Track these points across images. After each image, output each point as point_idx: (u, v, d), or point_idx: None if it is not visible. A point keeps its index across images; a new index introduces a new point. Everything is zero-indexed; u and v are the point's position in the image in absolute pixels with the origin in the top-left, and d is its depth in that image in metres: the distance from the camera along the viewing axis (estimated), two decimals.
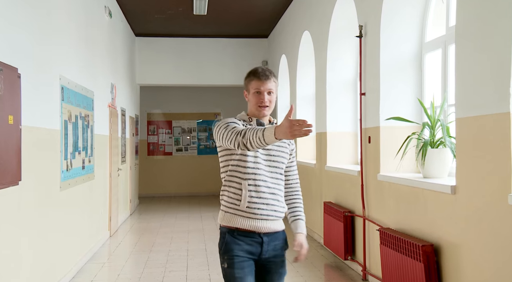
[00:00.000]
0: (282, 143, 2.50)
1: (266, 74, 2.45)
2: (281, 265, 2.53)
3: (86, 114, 5.85)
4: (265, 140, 2.08)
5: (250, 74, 2.50)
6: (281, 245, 2.52)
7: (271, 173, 2.46)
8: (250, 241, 2.43)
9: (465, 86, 3.23)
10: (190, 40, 10.97)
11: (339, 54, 6.23)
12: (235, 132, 2.24)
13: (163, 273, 5.25)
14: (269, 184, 2.43)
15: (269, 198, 2.43)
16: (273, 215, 2.44)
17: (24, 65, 3.80)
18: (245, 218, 2.42)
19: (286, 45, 9.06)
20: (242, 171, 2.42)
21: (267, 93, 2.45)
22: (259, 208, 2.41)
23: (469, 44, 3.17)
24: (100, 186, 6.67)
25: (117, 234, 7.59)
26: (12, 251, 3.57)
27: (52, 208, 4.49)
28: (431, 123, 3.94)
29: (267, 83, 2.44)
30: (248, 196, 2.40)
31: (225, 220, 2.47)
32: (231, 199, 2.45)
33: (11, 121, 3.49)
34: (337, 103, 6.26)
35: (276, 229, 2.48)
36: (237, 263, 2.40)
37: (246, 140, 2.16)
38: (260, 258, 2.46)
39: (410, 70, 4.61)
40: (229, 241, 2.43)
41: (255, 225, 2.41)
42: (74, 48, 5.48)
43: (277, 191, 2.47)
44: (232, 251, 2.41)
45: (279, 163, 2.48)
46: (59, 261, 4.72)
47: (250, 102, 2.51)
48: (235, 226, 2.43)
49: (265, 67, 2.51)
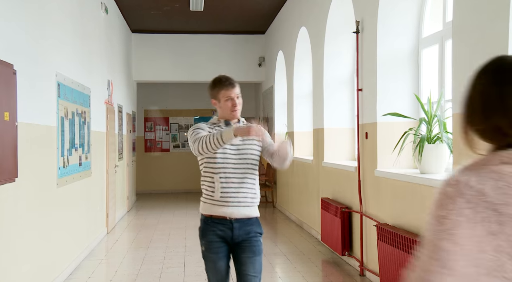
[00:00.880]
0: (251, 141, 2.80)
1: (231, 83, 2.82)
2: (255, 244, 2.78)
3: (82, 111, 5.83)
4: (223, 140, 2.53)
5: (216, 85, 2.83)
6: (254, 229, 2.79)
7: (241, 164, 2.75)
8: (222, 227, 2.75)
9: (462, 82, 3.23)
10: (187, 36, 10.94)
11: (336, 50, 6.22)
12: (194, 140, 2.66)
13: (161, 270, 5.25)
14: (238, 175, 2.74)
15: (239, 187, 2.74)
16: (244, 201, 2.75)
17: (20, 62, 3.79)
18: (219, 206, 2.74)
19: (283, 41, 9.04)
20: (213, 166, 2.75)
21: (236, 98, 2.82)
22: (231, 197, 2.73)
23: (466, 40, 3.17)
24: (97, 183, 6.66)
25: (115, 231, 7.59)
26: (8, 248, 3.56)
27: (49, 205, 4.48)
28: (428, 119, 3.95)
29: (234, 90, 2.81)
30: (220, 187, 2.73)
31: (203, 209, 2.82)
32: (207, 191, 2.80)
33: (7, 118, 3.47)
34: (334, 99, 6.26)
35: (248, 215, 2.77)
36: (213, 248, 2.77)
37: (200, 147, 2.60)
38: (233, 242, 2.77)
39: (407, 65, 4.61)
40: (205, 228, 2.79)
41: (228, 211, 2.73)
42: (70, 45, 5.46)
43: (248, 180, 2.77)
44: (208, 236, 2.77)
45: (248, 155, 2.78)
46: (57, 257, 4.71)
47: (222, 108, 2.84)
48: (210, 213, 2.77)
49: (226, 76, 2.87)
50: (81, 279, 4.96)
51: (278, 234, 7.33)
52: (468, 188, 1.08)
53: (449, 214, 1.06)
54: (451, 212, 1.06)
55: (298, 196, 7.83)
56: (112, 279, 4.97)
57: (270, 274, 5.13)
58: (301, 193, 7.66)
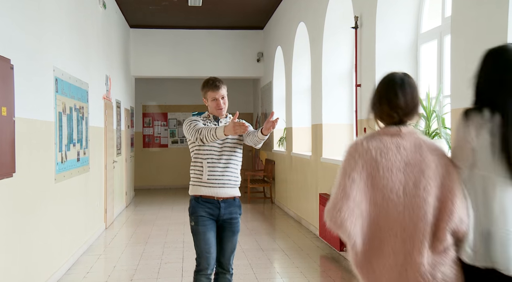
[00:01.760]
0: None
1: (217, 85, 3.26)
2: (235, 225, 3.28)
3: (80, 106, 5.82)
4: (217, 136, 3.01)
5: (204, 86, 3.28)
6: (235, 210, 3.27)
7: (225, 152, 3.22)
8: (210, 205, 3.20)
9: (460, 77, 3.22)
10: (185, 31, 10.91)
11: (334, 46, 6.21)
12: (195, 129, 3.12)
13: (159, 265, 5.26)
14: (223, 161, 3.20)
15: (223, 171, 3.20)
16: (227, 183, 3.21)
17: (17, 57, 3.77)
18: (206, 187, 3.19)
19: (281, 36, 9.02)
20: (202, 153, 3.21)
21: (221, 98, 3.28)
22: (216, 179, 3.18)
23: (465, 35, 3.17)
24: (95, 178, 6.66)
25: (113, 226, 7.59)
26: (7, 243, 3.56)
27: (47, 200, 4.48)
28: (427, 114, 3.94)
29: (220, 91, 3.27)
30: (208, 171, 3.18)
31: (193, 191, 3.24)
32: (196, 174, 3.23)
33: (4, 113, 3.46)
34: (332, 94, 6.25)
35: (231, 194, 3.24)
36: (201, 221, 3.19)
37: (202, 137, 3.07)
38: (219, 219, 3.23)
39: (405, 61, 4.60)
40: (195, 205, 3.21)
41: (214, 191, 3.19)
42: (68, 40, 5.44)
43: (231, 165, 3.23)
44: (197, 212, 3.20)
45: (231, 144, 3.25)
46: (55, 252, 4.71)
47: (210, 107, 3.30)
48: (200, 194, 3.21)
49: (214, 78, 3.28)
50: (80, 274, 4.96)
51: (277, 229, 7.35)
52: (361, 146, 1.88)
53: (349, 162, 1.87)
54: (350, 161, 1.87)
55: (297, 191, 7.84)
56: (110, 275, 4.97)
57: (269, 269, 5.14)
58: (299, 189, 7.66)
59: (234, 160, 3.26)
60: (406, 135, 1.88)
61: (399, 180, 1.82)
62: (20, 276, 3.80)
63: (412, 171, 1.83)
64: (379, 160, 1.84)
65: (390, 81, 1.93)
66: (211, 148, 3.19)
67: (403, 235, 1.80)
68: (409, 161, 1.84)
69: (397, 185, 1.82)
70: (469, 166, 1.87)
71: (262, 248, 6.00)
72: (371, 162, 1.84)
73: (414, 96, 1.92)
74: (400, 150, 1.85)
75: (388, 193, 1.82)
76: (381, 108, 1.93)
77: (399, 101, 1.89)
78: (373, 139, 1.88)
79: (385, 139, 1.87)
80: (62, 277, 4.83)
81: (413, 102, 1.92)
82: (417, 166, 1.83)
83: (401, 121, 1.91)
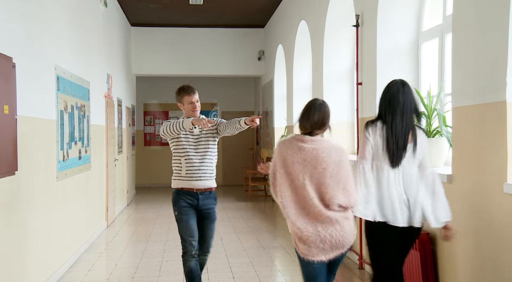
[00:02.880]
0: (206, 132, 3.73)
1: (192, 90, 3.74)
2: (213, 214, 3.79)
3: (82, 105, 5.83)
4: (183, 126, 3.52)
5: (181, 92, 3.75)
6: (212, 201, 3.77)
7: (200, 149, 3.70)
8: (190, 197, 3.70)
9: (461, 76, 3.23)
10: (186, 30, 10.91)
11: (336, 44, 6.21)
12: (168, 124, 3.63)
13: (160, 263, 5.27)
14: (198, 157, 3.68)
15: (199, 165, 3.68)
16: (203, 176, 3.69)
17: (19, 55, 3.78)
18: (186, 181, 3.68)
19: (282, 35, 9.02)
20: (180, 151, 3.70)
21: (196, 101, 3.74)
22: (194, 173, 3.67)
23: (466, 33, 3.17)
24: (96, 176, 6.67)
25: (114, 224, 7.61)
26: (8, 241, 3.57)
27: (49, 198, 4.49)
28: (428, 112, 3.95)
29: (194, 96, 3.74)
30: (186, 167, 3.66)
31: (175, 184, 3.74)
32: (176, 170, 3.73)
33: (6, 111, 3.47)
34: (334, 93, 6.25)
35: (208, 186, 3.72)
36: (184, 211, 3.69)
37: (165, 128, 3.62)
38: (197, 209, 3.72)
39: (406, 59, 4.60)
40: (177, 197, 3.71)
41: (193, 184, 3.68)
42: (69, 38, 5.45)
43: (206, 160, 3.71)
44: (180, 203, 3.70)
45: (205, 142, 3.72)
46: (57, 250, 4.73)
47: (186, 110, 3.74)
48: (181, 186, 3.71)
49: (188, 85, 3.78)
50: (82, 271, 4.98)
51: (278, 227, 7.35)
52: (281, 145, 2.83)
53: (274, 158, 2.82)
54: (276, 157, 2.81)
55: None
56: (112, 272, 4.99)
57: (270, 267, 5.15)
58: None
59: (209, 154, 3.72)
60: (307, 141, 2.80)
61: (299, 170, 2.76)
62: (22, 273, 3.82)
63: (308, 164, 2.76)
64: (287, 157, 2.80)
65: (311, 105, 2.88)
66: (188, 145, 3.66)
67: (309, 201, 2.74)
68: (306, 158, 2.76)
69: (297, 172, 2.76)
70: (369, 158, 2.90)
71: (263, 246, 6.01)
72: (284, 158, 2.81)
73: (325, 117, 2.85)
74: (300, 150, 2.78)
75: (294, 177, 2.77)
76: (301, 122, 2.88)
77: (314, 118, 2.83)
78: (287, 142, 2.85)
79: (294, 143, 2.82)
80: (64, 275, 4.85)
81: (322, 121, 2.84)
82: (312, 161, 2.75)
83: (311, 132, 2.85)
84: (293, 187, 2.76)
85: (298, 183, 2.75)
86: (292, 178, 2.76)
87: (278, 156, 2.84)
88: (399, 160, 2.82)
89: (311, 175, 2.74)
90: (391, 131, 2.84)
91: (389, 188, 2.81)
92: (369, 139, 2.89)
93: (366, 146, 2.90)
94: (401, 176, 2.84)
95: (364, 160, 2.90)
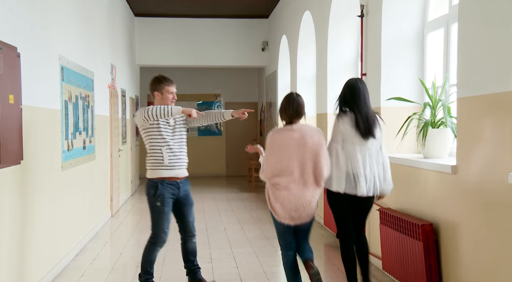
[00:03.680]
0: (182, 121, 3.89)
1: (172, 82, 3.90)
2: (190, 199, 3.98)
3: (86, 95, 5.84)
4: (171, 113, 3.64)
5: (162, 81, 3.85)
6: (188, 187, 3.95)
7: (177, 138, 3.82)
8: (173, 187, 3.79)
9: (467, 66, 3.21)
10: (190, 20, 10.88)
11: (340, 34, 6.18)
12: (144, 110, 3.65)
13: (165, 252, 5.31)
14: (176, 146, 3.79)
15: (179, 154, 3.81)
16: (183, 164, 3.86)
17: (23, 45, 3.78)
18: (169, 170, 3.76)
19: (286, 25, 8.98)
20: (159, 141, 3.75)
21: (174, 93, 3.88)
22: (176, 161, 3.77)
23: (472, 23, 3.15)
24: (101, 166, 6.70)
25: (119, 214, 7.65)
26: (15, 230, 3.60)
27: (54, 187, 4.52)
28: (433, 103, 3.94)
29: (174, 87, 3.89)
30: (168, 156, 3.74)
31: (155, 174, 3.76)
32: (157, 160, 3.75)
33: (12, 100, 3.48)
34: (338, 84, 6.22)
35: (186, 174, 3.90)
36: (167, 202, 3.77)
37: (149, 113, 3.63)
38: (177, 198, 3.86)
39: (411, 50, 4.58)
40: (161, 189, 3.74)
41: (175, 173, 3.78)
42: (73, 28, 5.44)
43: (182, 148, 3.86)
44: (164, 194, 3.75)
45: (179, 130, 3.85)
46: (62, 239, 4.77)
47: (164, 99, 3.83)
48: (163, 176, 3.75)
49: (165, 76, 3.92)
50: (87, 260, 5.02)
51: None
52: (274, 135, 3.47)
53: (268, 146, 3.48)
54: (269, 142, 3.48)
55: None
56: (116, 261, 5.02)
57: (273, 257, 5.18)
58: None
59: (184, 143, 3.89)
60: (295, 130, 3.43)
61: (291, 156, 3.39)
62: (28, 261, 3.85)
63: (299, 150, 3.38)
64: (280, 144, 3.43)
65: (287, 98, 3.52)
66: (167, 136, 3.75)
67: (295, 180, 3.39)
68: (297, 145, 3.39)
69: (289, 156, 3.39)
70: (341, 141, 3.51)
71: (267, 237, 6.04)
72: (278, 145, 3.43)
73: (301, 108, 3.50)
74: (292, 139, 3.41)
75: (287, 160, 3.39)
76: (281, 113, 3.52)
77: (291, 110, 3.47)
78: (279, 133, 3.48)
79: (284, 133, 3.46)
80: (70, 263, 4.89)
81: (298, 111, 3.48)
82: (301, 145, 3.39)
83: (292, 122, 3.48)
84: (282, 168, 3.40)
85: (287, 165, 3.38)
86: (283, 161, 3.40)
87: (272, 143, 3.46)
88: (369, 132, 3.46)
89: (299, 157, 3.38)
90: (359, 113, 3.48)
91: (354, 165, 3.46)
92: (340, 126, 3.52)
93: (338, 132, 3.53)
94: (366, 156, 3.47)
95: (336, 143, 3.53)
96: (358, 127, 3.44)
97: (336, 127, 3.55)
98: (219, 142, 13.57)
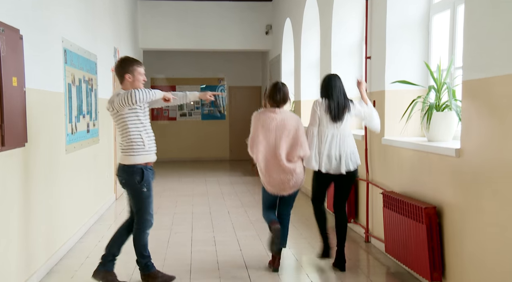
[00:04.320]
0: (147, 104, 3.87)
1: (142, 63, 3.87)
2: None
3: (89, 78, 5.82)
4: (189, 98, 4.09)
5: (133, 63, 3.81)
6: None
7: (148, 121, 3.82)
8: (152, 171, 3.84)
9: (473, 48, 3.18)
10: (193, 3, 10.79)
11: (344, 17, 6.12)
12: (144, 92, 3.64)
13: (169, 234, 5.35)
14: (150, 131, 3.81)
15: (153, 138, 3.83)
16: (155, 148, 3.86)
17: (26, 27, 3.76)
18: (150, 154, 3.78)
19: (290, 8, 8.90)
20: (138, 125, 3.72)
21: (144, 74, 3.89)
22: (153, 145, 3.82)
23: (479, 5, 3.10)
24: (105, 150, 6.72)
25: (123, 197, 7.69)
26: (20, 212, 3.63)
27: (58, 170, 4.54)
28: (437, 86, 3.91)
29: (143, 68, 3.87)
30: (147, 140, 3.74)
31: (139, 160, 3.71)
32: (139, 145, 3.71)
33: (15, 83, 3.48)
34: (342, 67, 6.19)
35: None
36: (152, 187, 3.83)
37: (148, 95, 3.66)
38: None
39: (417, 32, 4.53)
40: (147, 174, 3.75)
41: (154, 157, 3.83)
42: (75, 10, 5.40)
43: (152, 132, 3.86)
44: (149, 179, 3.78)
45: (147, 114, 3.85)
46: (68, 221, 4.81)
47: (137, 80, 3.79)
48: (146, 161, 3.75)
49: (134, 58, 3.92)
50: (92, 242, 5.07)
51: None
52: (258, 116, 4.08)
53: (253, 124, 4.08)
54: (253, 123, 4.08)
55: None
56: None
57: None
58: None
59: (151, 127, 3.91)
60: (278, 113, 4.02)
61: (272, 134, 3.98)
62: (34, 243, 3.89)
63: (279, 129, 3.98)
64: (264, 124, 4.00)
65: (274, 87, 4.11)
66: (144, 121, 3.75)
67: (277, 156, 3.96)
68: (277, 125, 3.99)
69: (272, 135, 3.98)
70: (317, 125, 4.07)
71: None
72: (262, 124, 4.00)
73: (285, 95, 4.09)
74: (273, 119, 4.00)
75: (269, 139, 3.98)
76: (269, 99, 4.10)
77: (277, 97, 4.06)
78: (263, 113, 4.06)
79: (268, 114, 4.04)
80: (75, 245, 4.94)
81: (283, 98, 4.07)
82: (281, 127, 3.98)
83: (278, 106, 4.06)
84: (267, 146, 3.98)
85: (271, 143, 3.97)
86: (267, 140, 3.97)
87: (256, 123, 4.03)
88: (339, 116, 4.02)
89: (280, 137, 3.96)
90: (332, 99, 4.06)
91: (329, 146, 4.03)
92: (317, 111, 4.06)
93: (315, 116, 4.08)
94: (338, 137, 4.03)
95: (313, 126, 4.09)
96: (330, 113, 4.02)
97: (313, 112, 4.10)
98: (222, 126, 13.57)
